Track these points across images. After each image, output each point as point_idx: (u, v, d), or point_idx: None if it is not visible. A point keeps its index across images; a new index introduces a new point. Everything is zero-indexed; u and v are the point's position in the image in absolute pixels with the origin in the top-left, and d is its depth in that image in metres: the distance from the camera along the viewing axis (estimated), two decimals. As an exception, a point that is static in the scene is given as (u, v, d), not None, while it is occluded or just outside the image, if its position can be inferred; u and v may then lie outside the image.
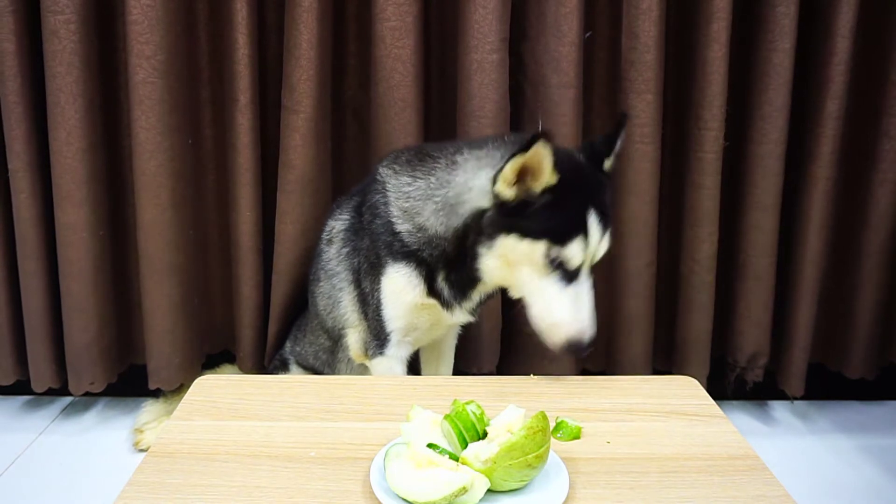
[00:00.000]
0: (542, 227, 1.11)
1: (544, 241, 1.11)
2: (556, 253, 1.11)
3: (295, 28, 1.56)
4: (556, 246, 1.11)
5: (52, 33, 1.53)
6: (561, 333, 1.13)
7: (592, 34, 1.67)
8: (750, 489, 0.89)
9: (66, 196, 1.61)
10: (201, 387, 1.16)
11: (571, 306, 1.14)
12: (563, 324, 1.13)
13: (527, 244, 1.12)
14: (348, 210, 1.41)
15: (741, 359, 1.83)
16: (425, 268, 1.25)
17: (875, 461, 1.69)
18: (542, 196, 1.10)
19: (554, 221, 1.11)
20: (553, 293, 1.13)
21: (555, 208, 1.11)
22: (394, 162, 1.30)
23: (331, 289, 1.43)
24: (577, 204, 1.13)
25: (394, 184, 1.27)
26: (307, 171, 1.64)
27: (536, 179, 1.10)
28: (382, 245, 1.27)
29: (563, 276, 1.13)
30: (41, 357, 1.74)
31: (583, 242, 1.12)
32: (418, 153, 1.29)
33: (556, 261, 1.12)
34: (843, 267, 1.83)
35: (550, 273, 1.13)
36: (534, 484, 0.87)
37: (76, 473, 1.60)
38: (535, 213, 1.11)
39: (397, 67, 1.60)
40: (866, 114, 1.73)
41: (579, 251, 1.12)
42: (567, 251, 1.11)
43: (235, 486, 0.89)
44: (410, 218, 1.24)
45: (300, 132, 1.61)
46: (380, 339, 1.33)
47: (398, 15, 1.57)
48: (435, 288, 1.26)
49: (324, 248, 1.45)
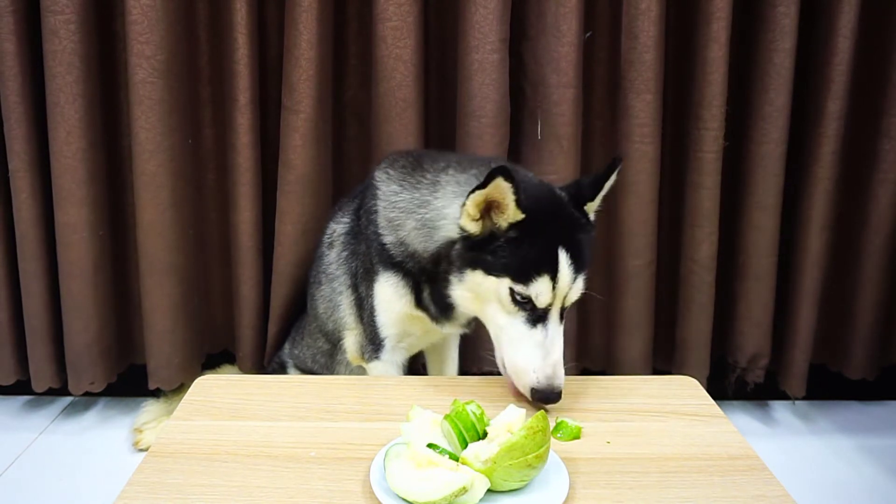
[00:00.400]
0: (506, 263, 1.06)
1: (507, 278, 1.06)
2: (520, 290, 1.06)
3: (294, 28, 1.56)
4: (520, 284, 1.05)
5: (51, 33, 1.53)
6: (525, 380, 1.07)
7: (592, 34, 1.67)
8: (750, 489, 0.89)
9: (66, 196, 1.61)
10: (201, 387, 1.16)
11: (537, 350, 1.07)
12: (527, 370, 1.07)
13: (491, 280, 1.08)
14: (349, 213, 1.40)
15: (742, 359, 1.83)
16: (412, 279, 1.23)
17: (875, 461, 1.68)
18: (508, 231, 1.06)
19: (518, 258, 1.06)
20: (518, 334, 1.08)
21: (520, 244, 1.06)
22: (390, 166, 1.28)
23: (331, 292, 1.42)
24: (545, 242, 1.07)
25: (384, 190, 1.25)
26: (307, 171, 1.64)
27: (502, 213, 1.06)
28: (374, 252, 1.25)
29: (529, 317, 1.08)
30: (41, 357, 1.74)
31: (549, 282, 1.05)
32: (414, 161, 1.27)
33: (523, 300, 1.06)
34: (843, 267, 1.83)
35: (517, 313, 1.08)
36: (534, 484, 0.87)
37: (76, 473, 1.60)
38: (499, 248, 1.07)
39: (398, 67, 1.60)
40: (867, 114, 1.73)
41: (545, 290, 1.05)
42: (531, 289, 1.05)
43: (235, 486, 0.89)
44: (394, 230, 1.22)
45: (300, 132, 1.61)
46: (375, 343, 1.32)
47: (399, 15, 1.57)
48: (422, 301, 1.24)
49: (325, 252, 1.44)
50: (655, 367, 1.86)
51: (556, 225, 1.10)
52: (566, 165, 1.64)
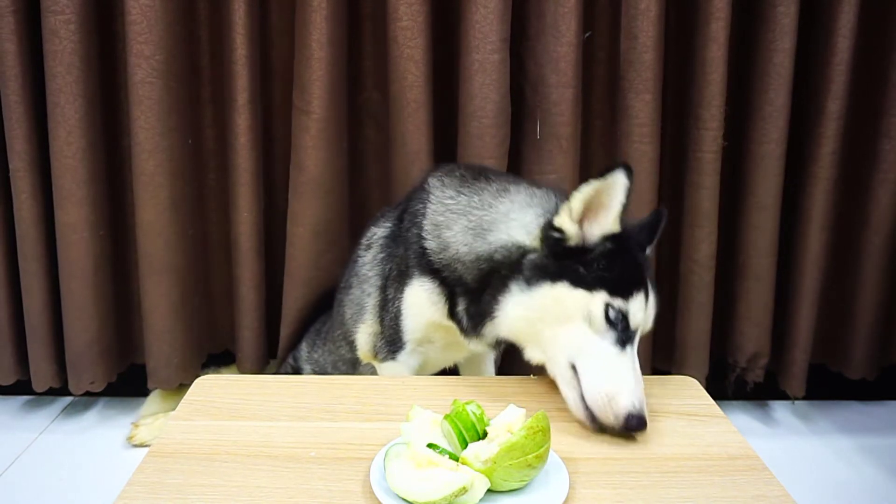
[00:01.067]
0: (603, 276, 1.00)
1: (603, 292, 0.99)
2: (618, 306, 0.99)
3: (304, 28, 1.56)
4: (619, 298, 0.99)
5: (52, 33, 1.53)
6: (621, 405, 0.96)
7: (591, 34, 1.67)
8: (750, 489, 0.89)
9: (66, 196, 1.61)
10: (201, 387, 1.16)
11: (631, 374, 0.99)
12: (624, 393, 0.97)
13: (580, 294, 1.00)
14: (392, 218, 1.36)
15: (741, 359, 1.83)
16: (447, 288, 1.18)
17: (875, 461, 1.68)
18: (603, 243, 1.01)
19: (617, 272, 1.00)
20: (611, 356, 0.99)
21: (616, 259, 1.00)
22: (446, 174, 1.25)
23: (360, 294, 1.36)
24: (635, 260, 1.03)
25: (437, 195, 1.21)
26: (319, 172, 1.63)
27: (598, 221, 1.01)
28: (412, 255, 1.21)
29: (620, 337, 1.00)
30: (41, 356, 1.74)
31: (644, 299, 1.00)
32: (475, 171, 1.24)
33: (617, 317, 0.99)
34: (843, 267, 1.83)
35: (606, 332, 1.00)
36: (534, 484, 0.87)
37: (76, 473, 1.60)
38: (594, 259, 1.00)
39: (410, 68, 1.59)
40: (867, 114, 1.73)
41: (641, 308, 1.00)
42: (631, 305, 0.99)
43: (235, 486, 0.89)
44: (439, 233, 1.17)
45: (311, 133, 1.60)
46: (394, 344, 1.28)
47: (409, 15, 1.56)
48: (456, 314, 1.18)
49: (360, 254, 1.39)
50: (655, 367, 1.86)
51: (640, 255, 1.08)
52: (565, 165, 1.64)
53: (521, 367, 1.78)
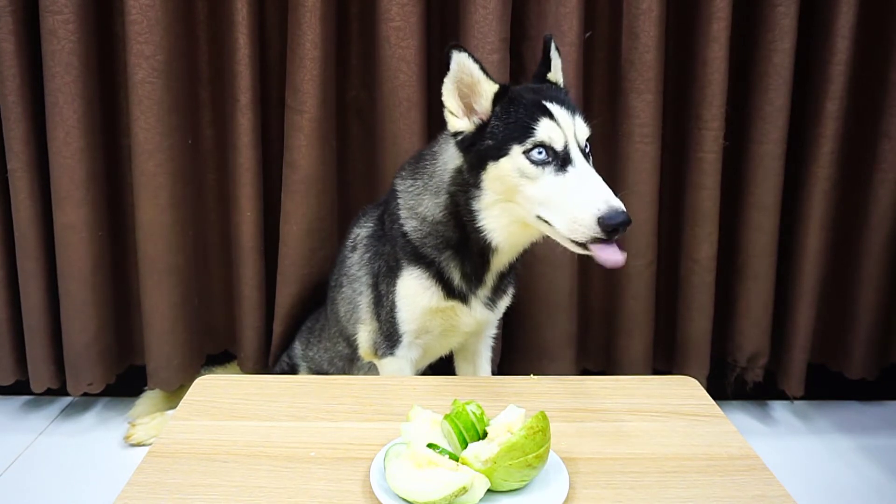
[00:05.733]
0: (506, 134, 1.09)
1: (515, 146, 1.07)
2: (530, 143, 1.06)
3: (298, 28, 1.56)
4: (527, 140, 1.06)
5: (50, 33, 1.53)
6: (586, 217, 0.99)
7: (592, 34, 1.67)
8: (750, 489, 0.89)
9: (64, 196, 1.61)
10: (201, 387, 1.16)
11: (581, 186, 1.03)
12: (583, 205, 1.00)
13: (504, 161, 1.09)
14: (372, 218, 1.44)
15: (741, 359, 1.83)
16: (435, 269, 1.26)
17: (875, 461, 1.68)
18: (494, 109, 1.11)
19: (513, 123, 1.08)
20: (554, 186, 1.05)
21: (509, 112, 1.09)
22: (402, 170, 1.35)
23: (352, 293, 1.43)
24: (530, 101, 1.10)
25: (402, 187, 1.32)
26: (312, 171, 1.64)
27: (478, 99, 1.10)
28: (399, 248, 1.29)
29: (555, 166, 1.06)
30: (40, 357, 1.74)
31: (550, 121, 1.07)
32: (416, 156, 1.35)
33: (540, 153, 1.06)
34: (843, 267, 1.83)
35: (543, 172, 1.06)
36: (534, 484, 0.87)
37: (76, 473, 1.60)
38: (493, 128, 1.10)
39: (402, 68, 1.60)
40: (866, 114, 1.73)
41: (550, 128, 1.06)
42: (539, 135, 1.06)
43: (235, 486, 0.89)
44: (414, 213, 1.27)
45: (304, 132, 1.61)
46: (391, 339, 1.33)
47: (402, 15, 1.57)
48: (448, 285, 1.26)
49: (347, 255, 1.46)
50: (655, 367, 1.86)
51: (531, 91, 1.15)
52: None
53: (522, 367, 1.81)
